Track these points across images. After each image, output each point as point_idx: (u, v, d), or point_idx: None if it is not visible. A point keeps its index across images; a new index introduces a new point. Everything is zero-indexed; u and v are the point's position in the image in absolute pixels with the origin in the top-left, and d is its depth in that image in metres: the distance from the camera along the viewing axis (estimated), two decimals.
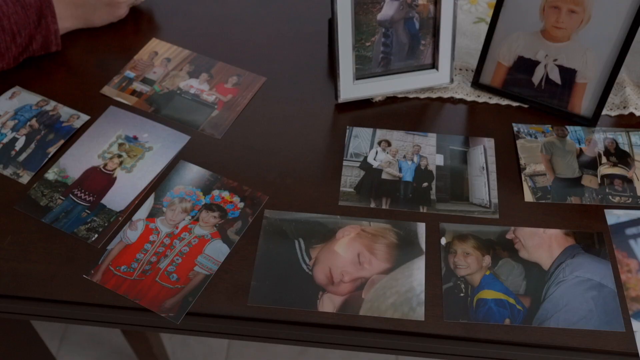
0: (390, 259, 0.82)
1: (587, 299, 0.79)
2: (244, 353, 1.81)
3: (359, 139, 0.95)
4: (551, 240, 0.84)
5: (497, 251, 0.83)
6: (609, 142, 0.94)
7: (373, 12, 0.93)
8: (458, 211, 0.87)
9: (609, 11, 0.88)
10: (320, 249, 0.83)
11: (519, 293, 0.80)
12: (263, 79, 1.02)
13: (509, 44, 0.96)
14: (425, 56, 0.98)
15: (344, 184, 0.90)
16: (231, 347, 1.83)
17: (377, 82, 0.97)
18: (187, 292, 0.79)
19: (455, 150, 0.94)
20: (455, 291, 0.80)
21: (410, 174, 0.91)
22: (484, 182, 0.90)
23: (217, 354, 1.81)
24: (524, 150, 0.93)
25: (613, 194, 0.89)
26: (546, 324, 0.77)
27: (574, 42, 0.92)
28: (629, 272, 0.82)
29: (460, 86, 1.01)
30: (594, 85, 0.93)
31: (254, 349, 1.82)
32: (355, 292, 0.80)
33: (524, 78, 0.97)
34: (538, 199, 0.88)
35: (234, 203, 0.88)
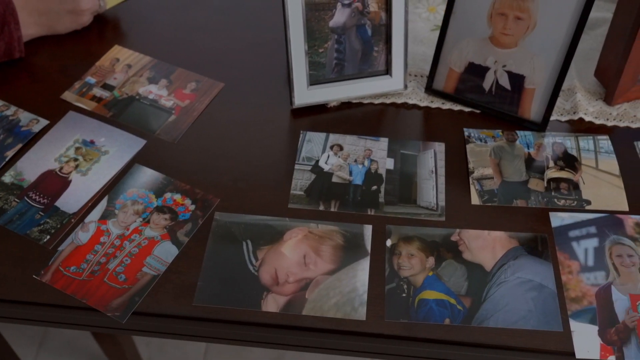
0: (335, 260, 0.84)
1: (527, 300, 0.80)
2: (220, 359, 1.82)
3: (312, 144, 0.96)
4: (495, 242, 0.86)
5: (441, 253, 0.85)
6: (558, 146, 0.96)
7: (325, 19, 0.95)
8: (405, 214, 0.89)
9: (554, 18, 0.90)
10: (267, 251, 0.85)
11: (460, 293, 0.81)
12: (221, 84, 1.04)
13: (460, 50, 0.97)
14: (378, 62, 1.00)
15: (295, 187, 0.91)
16: (208, 353, 1.84)
17: (331, 88, 0.99)
18: (133, 292, 0.81)
19: (406, 154, 0.95)
20: (397, 292, 0.81)
21: (360, 177, 0.93)
22: (432, 185, 0.92)
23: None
24: (473, 154, 0.95)
25: (559, 197, 0.90)
26: (485, 324, 0.79)
27: (521, 49, 0.94)
28: (569, 274, 0.83)
29: (414, 92, 1.03)
30: (542, 90, 0.95)
31: (230, 355, 1.83)
32: (299, 292, 0.81)
33: (475, 84, 0.98)
34: (485, 202, 0.90)
35: (185, 205, 0.89)
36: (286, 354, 1.82)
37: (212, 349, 1.85)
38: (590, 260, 0.84)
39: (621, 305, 0.80)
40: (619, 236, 0.86)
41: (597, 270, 0.83)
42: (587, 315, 0.80)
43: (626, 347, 0.77)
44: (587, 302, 0.81)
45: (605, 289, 0.82)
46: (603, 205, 0.90)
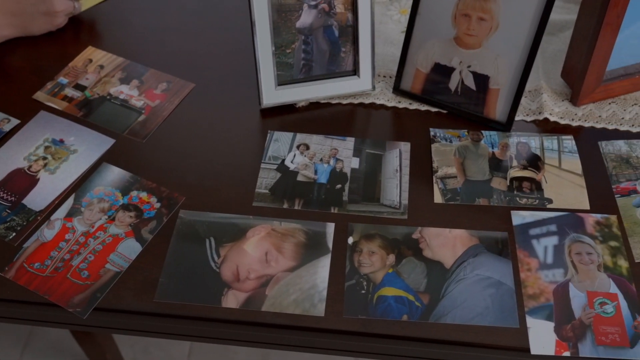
0: (296, 257, 0.85)
1: (484, 297, 0.81)
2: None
3: (279, 143, 0.97)
4: (456, 240, 0.87)
5: (402, 250, 0.86)
6: (522, 146, 0.97)
7: (292, 20, 0.96)
8: (368, 212, 0.90)
9: (516, 19, 0.91)
10: (230, 248, 0.86)
11: (419, 290, 0.82)
12: (192, 85, 1.05)
13: (426, 51, 0.98)
14: (346, 63, 1.01)
15: (260, 185, 0.92)
16: (192, 355, 1.84)
17: (300, 88, 1.00)
18: (96, 289, 0.82)
19: (371, 154, 0.96)
20: (357, 288, 0.82)
21: (325, 176, 0.94)
22: (396, 184, 0.93)
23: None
24: (438, 153, 0.96)
25: (520, 196, 0.91)
26: (443, 320, 0.79)
27: (485, 49, 0.95)
28: (528, 271, 0.84)
29: (383, 92, 1.04)
30: (506, 91, 0.96)
31: (214, 357, 1.83)
32: (259, 288, 0.82)
33: (442, 84, 0.99)
34: (447, 201, 0.91)
35: (150, 203, 0.90)
36: (271, 354, 1.83)
37: (196, 351, 1.85)
38: (549, 258, 0.85)
39: (578, 302, 0.81)
40: (579, 234, 0.87)
41: (556, 268, 0.84)
42: (543, 311, 0.80)
43: (581, 343, 0.78)
44: (544, 299, 0.81)
45: (563, 286, 0.82)
46: (564, 204, 0.90)
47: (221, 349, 1.86)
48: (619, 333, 0.78)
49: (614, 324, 0.79)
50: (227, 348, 1.86)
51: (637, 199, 0.91)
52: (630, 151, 0.96)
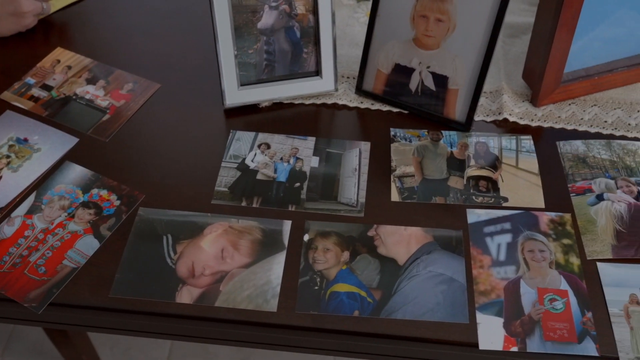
0: (252, 254, 0.86)
1: (436, 293, 0.82)
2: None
3: (241, 142, 0.99)
4: (410, 238, 0.88)
5: (357, 247, 0.87)
6: (480, 146, 0.98)
7: (253, 21, 0.98)
8: (325, 210, 0.91)
9: (472, 20, 0.92)
10: (187, 244, 0.87)
11: (371, 287, 0.83)
12: (157, 85, 1.06)
13: (386, 52, 1.00)
14: (308, 64, 1.02)
15: (219, 184, 0.93)
16: (171, 356, 1.85)
17: (263, 89, 1.02)
18: (52, 284, 0.83)
19: (331, 153, 0.97)
20: (310, 284, 0.83)
21: (284, 174, 0.95)
22: (354, 182, 0.94)
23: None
24: (397, 153, 0.97)
25: (477, 195, 0.92)
26: (393, 316, 0.80)
27: (443, 50, 0.96)
28: (480, 268, 0.85)
29: (345, 93, 1.05)
30: (465, 91, 0.97)
31: (195, 359, 1.84)
32: (214, 284, 0.83)
33: (402, 85, 1.01)
34: (404, 199, 0.92)
35: (110, 201, 0.91)
36: (252, 356, 1.83)
37: (176, 353, 1.86)
38: (502, 255, 0.86)
39: (528, 298, 0.82)
40: (533, 232, 0.88)
41: (508, 265, 0.85)
42: (494, 307, 0.81)
43: (529, 338, 0.78)
44: (495, 295, 0.82)
45: (514, 282, 0.83)
46: (520, 203, 0.91)
47: (202, 352, 1.86)
48: (567, 329, 0.79)
49: (563, 320, 0.80)
50: (207, 350, 1.86)
51: (592, 198, 0.92)
52: (587, 151, 0.97)
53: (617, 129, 1.01)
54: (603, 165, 0.95)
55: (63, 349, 1.53)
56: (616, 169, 0.95)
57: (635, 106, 1.03)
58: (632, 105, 1.03)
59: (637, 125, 1.01)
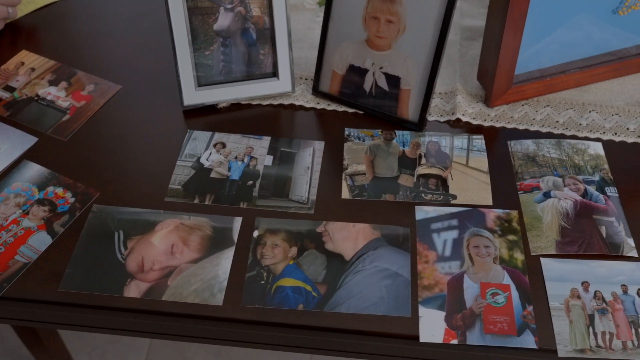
0: (201, 249, 0.87)
1: (380, 287, 0.83)
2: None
3: (197, 142, 1.00)
4: (358, 234, 0.89)
5: (305, 243, 0.88)
6: (432, 145, 1.00)
7: (209, 23, 0.99)
8: (276, 207, 0.92)
9: (421, 21, 0.94)
10: (138, 240, 0.88)
11: (317, 281, 0.84)
12: (118, 87, 1.08)
13: (340, 53, 1.02)
14: (265, 65, 1.04)
15: (173, 181, 0.95)
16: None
17: (220, 89, 1.03)
18: (2, 279, 0.84)
19: (285, 152, 0.99)
20: (257, 279, 0.84)
21: (237, 173, 0.96)
22: (306, 180, 0.95)
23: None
24: (350, 151, 0.99)
25: (426, 192, 0.94)
26: (337, 310, 0.81)
27: (394, 51, 0.98)
28: (426, 263, 0.86)
29: (303, 94, 1.07)
30: (417, 91, 0.99)
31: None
32: (162, 279, 0.84)
33: (357, 85, 1.02)
34: (354, 196, 0.93)
35: (65, 198, 0.93)
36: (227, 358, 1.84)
37: (153, 357, 1.86)
38: (447, 250, 0.87)
39: (471, 292, 0.83)
40: (479, 228, 0.89)
41: (453, 260, 0.86)
42: (436, 301, 0.82)
43: (470, 331, 0.80)
44: (438, 290, 0.84)
45: (458, 277, 0.85)
46: (468, 200, 0.93)
47: (178, 357, 1.87)
48: (508, 322, 0.80)
49: (504, 313, 0.81)
50: (184, 355, 1.87)
51: (539, 196, 0.93)
52: (537, 150, 0.99)
53: (568, 128, 1.02)
54: (552, 163, 0.97)
55: (37, 353, 1.54)
56: (564, 168, 0.96)
57: (587, 107, 1.05)
58: (584, 105, 1.05)
59: (588, 125, 1.03)
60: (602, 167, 0.97)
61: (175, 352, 1.88)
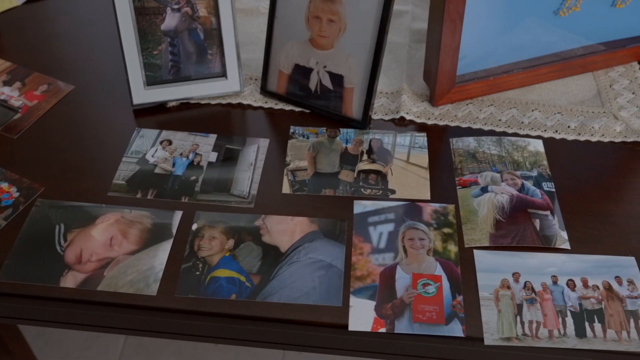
0: (140, 242, 0.88)
1: (313, 278, 0.85)
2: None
3: (144, 139, 1.02)
4: (296, 227, 0.90)
5: (242, 236, 0.89)
6: (375, 142, 1.01)
7: (156, 23, 1.02)
8: (217, 201, 0.94)
9: (360, 20, 0.97)
10: (78, 233, 0.89)
11: (251, 272, 0.85)
12: (71, 87, 1.10)
13: (286, 52, 1.04)
14: (214, 65, 1.06)
15: (118, 177, 0.96)
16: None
17: (169, 89, 1.05)
18: None
19: (230, 149, 1.01)
20: (192, 270, 0.86)
21: (181, 168, 0.98)
22: (248, 176, 0.97)
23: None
24: (293, 148, 1.00)
25: (365, 187, 0.95)
26: (269, 299, 0.83)
27: (337, 50, 1.00)
28: (360, 255, 0.87)
29: (252, 94, 1.09)
30: (359, 89, 1.01)
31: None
32: (98, 270, 0.86)
33: (303, 84, 1.04)
34: (295, 191, 0.95)
35: (10, 193, 0.94)
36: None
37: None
38: (382, 242, 0.89)
39: (402, 283, 0.84)
40: (415, 222, 0.91)
41: (387, 252, 0.88)
42: (367, 291, 0.84)
43: (398, 320, 0.81)
44: (370, 280, 0.85)
45: (391, 268, 0.86)
46: (407, 195, 0.94)
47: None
48: (437, 311, 0.82)
49: (434, 303, 0.82)
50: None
51: (477, 190, 0.95)
52: (478, 147, 1.01)
53: (510, 126, 1.04)
54: (491, 160, 0.99)
55: None
56: (503, 164, 0.98)
57: (530, 106, 1.07)
58: (527, 105, 1.07)
59: (530, 123, 1.04)
60: (541, 163, 0.98)
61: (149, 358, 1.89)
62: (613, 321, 0.81)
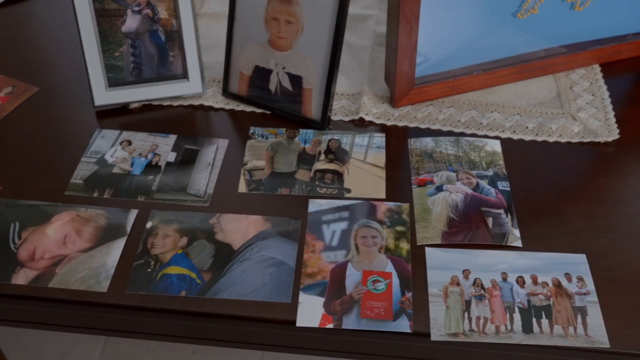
0: (93, 240, 0.89)
1: (264, 275, 0.85)
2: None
3: (104, 140, 1.03)
4: (249, 225, 0.91)
5: (196, 233, 0.90)
6: (333, 142, 1.02)
7: (117, 25, 1.03)
8: (173, 200, 0.94)
9: (317, 22, 0.98)
10: (32, 231, 0.90)
11: (203, 269, 0.86)
12: (35, 89, 1.11)
13: (246, 54, 1.05)
14: (175, 67, 1.07)
15: (76, 176, 0.97)
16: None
17: (131, 90, 1.06)
18: None
19: (189, 149, 1.01)
20: (144, 267, 0.86)
21: (139, 168, 0.98)
22: (205, 175, 0.97)
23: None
24: (252, 148, 1.01)
25: (321, 186, 0.96)
26: (219, 296, 0.83)
27: (295, 51, 1.01)
28: (312, 252, 0.88)
29: (214, 95, 1.10)
30: (318, 90, 1.02)
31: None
32: (51, 267, 0.86)
33: (263, 86, 1.05)
34: (251, 190, 0.95)
35: None
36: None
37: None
38: (335, 240, 0.89)
39: (352, 280, 0.85)
40: (369, 220, 0.91)
41: (339, 250, 0.88)
42: (317, 288, 0.84)
43: (346, 316, 0.81)
44: (321, 277, 0.85)
45: (342, 265, 0.86)
46: (362, 194, 0.95)
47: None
48: (385, 307, 0.82)
49: (382, 299, 0.83)
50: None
51: (432, 189, 0.95)
52: (435, 147, 1.01)
53: (469, 127, 1.05)
54: (448, 159, 0.99)
55: None
56: (459, 163, 0.99)
57: (489, 107, 1.08)
58: (487, 106, 1.08)
59: (489, 124, 1.05)
60: (497, 162, 0.99)
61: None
62: (560, 317, 0.81)
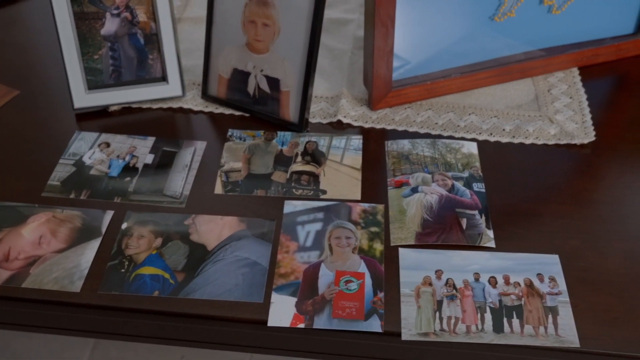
0: (68, 240, 0.89)
1: (237, 275, 0.85)
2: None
3: (83, 142, 1.03)
4: (224, 226, 0.91)
5: (171, 234, 0.90)
6: (311, 144, 1.03)
7: (96, 27, 1.03)
8: (149, 201, 0.95)
9: (293, 24, 0.98)
10: (8, 232, 0.90)
11: (176, 269, 0.86)
12: (16, 92, 1.12)
13: (224, 57, 1.05)
14: (155, 70, 1.07)
15: (53, 178, 0.97)
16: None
17: (110, 93, 1.07)
18: None
19: (167, 151, 1.02)
20: (117, 267, 0.86)
21: (117, 170, 0.99)
22: (182, 177, 0.98)
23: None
24: (229, 150, 1.02)
25: (297, 188, 0.96)
26: (192, 296, 0.83)
27: (272, 53, 1.02)
28: (286, 253, 0.88)
29: (194, 98, 1.10)
30: (296, 92, 1.02)
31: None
32: (25, 267, 0.86)
33: (241, 88, 1.06)
34: (227, 192, 0.96)
35: None
36: None
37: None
38: (309, 241, 0.89)
39: (325, 280, 0.85)
40: (343, 221, 0.92)
41: (313, 250, 0.88)
42: (290, 288, 0.84)
43: (318, 316, 0.81)
44: (294, 277, 0.85)
45: (315, 266, 0.87)
46: (337, 195, 0.95)
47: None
48: (357, 307, 0.82)
49: (355, 299, 0.83)
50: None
51: (407, 191, 0.96)
52: (412, 149, 1.02)
53: (446, 129, 1.05)
54: (424, 161, 1.00)
55: None
56: (435, 165, 0.99)
57: (467, 109, 1.08)
58: (465, 108, 1.09)
59: (466, 126, 1.06)
60: (474, 164, 1.00)
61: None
62: (532, 317, 0.81)
